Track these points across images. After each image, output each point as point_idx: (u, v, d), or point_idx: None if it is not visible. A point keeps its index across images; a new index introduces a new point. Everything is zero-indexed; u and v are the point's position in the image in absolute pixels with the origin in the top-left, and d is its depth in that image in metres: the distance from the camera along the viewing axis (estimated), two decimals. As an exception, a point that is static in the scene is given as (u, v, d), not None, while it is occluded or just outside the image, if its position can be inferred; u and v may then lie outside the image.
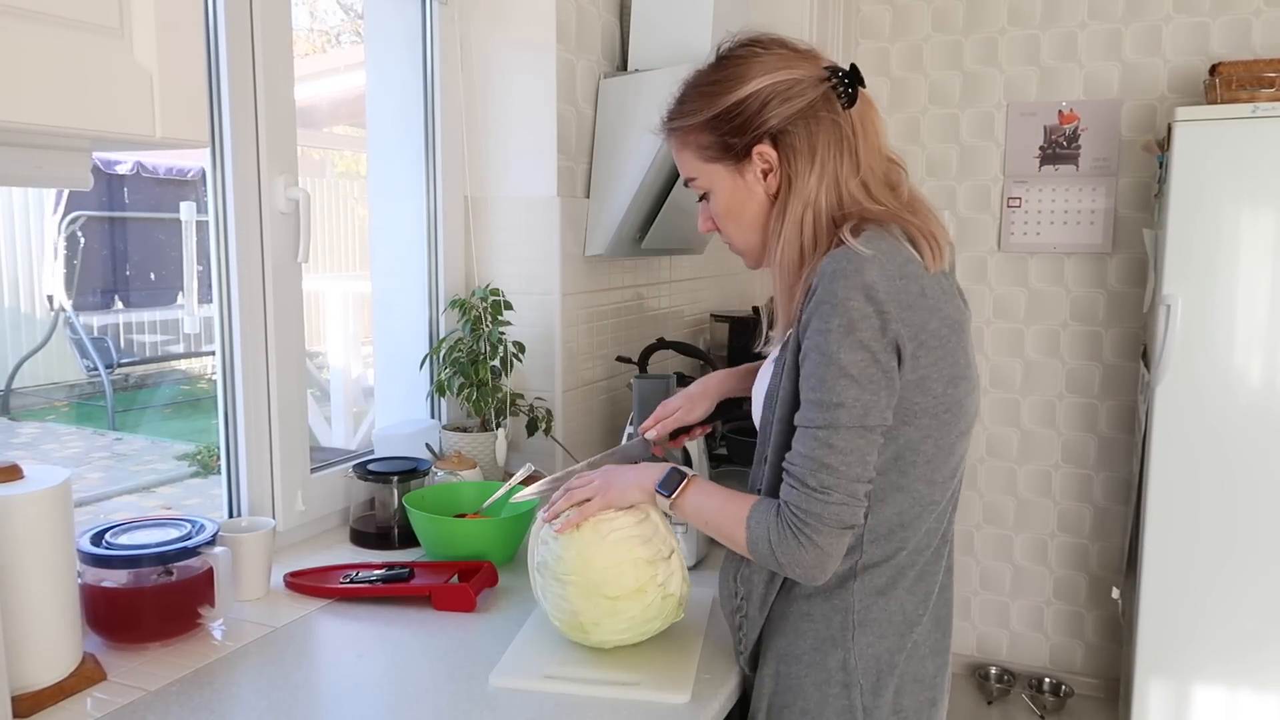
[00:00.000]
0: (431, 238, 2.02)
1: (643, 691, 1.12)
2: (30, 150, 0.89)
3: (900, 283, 1.00)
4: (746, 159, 1.09)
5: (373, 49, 2.00)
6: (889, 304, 0.99)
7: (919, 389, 1.03)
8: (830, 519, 0.99)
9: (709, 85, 1.11)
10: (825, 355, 0.99)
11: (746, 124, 1.08)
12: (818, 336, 1.00)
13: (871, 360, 0.99)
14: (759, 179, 1.10)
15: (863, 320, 0.98)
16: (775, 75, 1.07)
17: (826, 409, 0.99)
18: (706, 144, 1.11)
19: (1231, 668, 2.49)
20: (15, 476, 1.09)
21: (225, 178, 1.50)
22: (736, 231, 1.16)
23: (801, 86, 1.07)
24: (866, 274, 0.99)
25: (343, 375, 3.80)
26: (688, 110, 1.12)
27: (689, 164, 1.15)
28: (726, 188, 1.12)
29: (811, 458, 1.00)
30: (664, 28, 2.08)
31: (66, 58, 0.79)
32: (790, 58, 1.10)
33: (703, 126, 1.10)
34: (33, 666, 1.08)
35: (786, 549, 1.01)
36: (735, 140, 1.09)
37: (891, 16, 3.15)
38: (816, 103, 1.07)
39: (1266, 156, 2.34)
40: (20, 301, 4.51)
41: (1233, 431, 2.42)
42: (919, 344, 1.01)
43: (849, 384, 0.98)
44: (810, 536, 1.00)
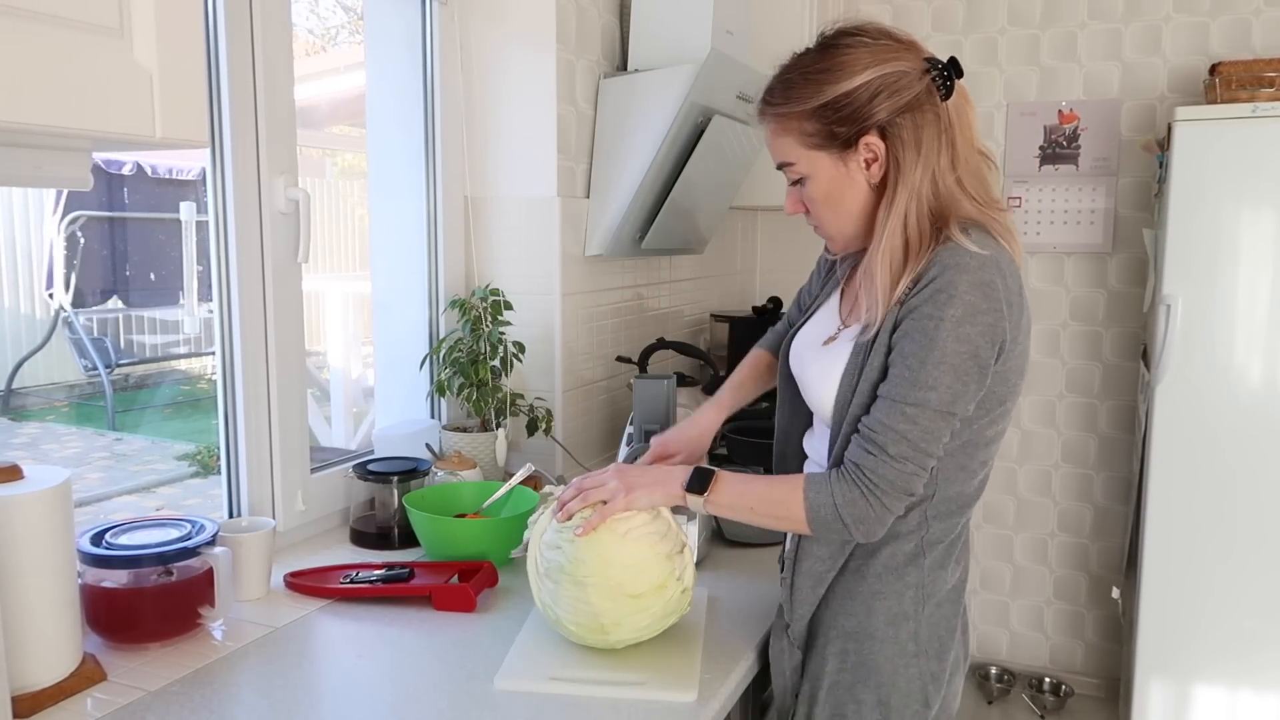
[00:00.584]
0: (431, 238, 2.02)
1: (649, 691, 1.12)
2: (30, 150, 0.89)
3: (1010, 282, 1.07)
4: (852, 148, 1.11)
5: (373, 49, 2.00)
6: (1002, 303, 1.05)
7: (1003, 380, 1.10)
8: (901, 485, 1.06)
9: (818, 73, 1.11)
10: (931, 339, 1.04)
11: (855, 114, 1.09)
12: (927, 321, 1.04)
13: (972, 354, 1.05)
14: (861, 168, 1.12)
15: (976, 315, 1.04)
16: (884, 67, 1.09)
17: (921, 388, 1.05)
18: (812, 131, 1.12)
19: (1231, 667, 2.49)
20: (15, 477, 1.09)
21: (225, 178, 1.50)
22: (833, 218, 1.17)
23: (908, 79, 1.09)
24: (987, 271, 1.05)
25: (343, 375, 3.80)
26: (795, 96, 1.12)
27: (788, 149, 1.15)
28: (828, 175, 1.14)
29: (896, 429, 1.05)
30: (664, 28, 2.08)
31: (67, 58, 0.79)
32: (896, 49, 1.11)
33: (810, 114, 1.11)
34: (33, 667, 1.08)
35: (855, 509, 1.07)
36: (843, 130, 1.10)
37: (891, 16, 3.14)
38: (921, 96, 1.09)
39: (1266, 156, 2.34)
40: (20, 301, 4.50)
41: (1233, 431, 2.42)
42: (1014, 340, 1.08)
43: (948, 371, 1.04)
44: (880, 498, 1.06)
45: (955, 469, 1.14)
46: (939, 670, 1.18)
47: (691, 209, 2.27)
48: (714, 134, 2.12)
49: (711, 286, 2.92)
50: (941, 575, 1.18)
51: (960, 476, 1.15)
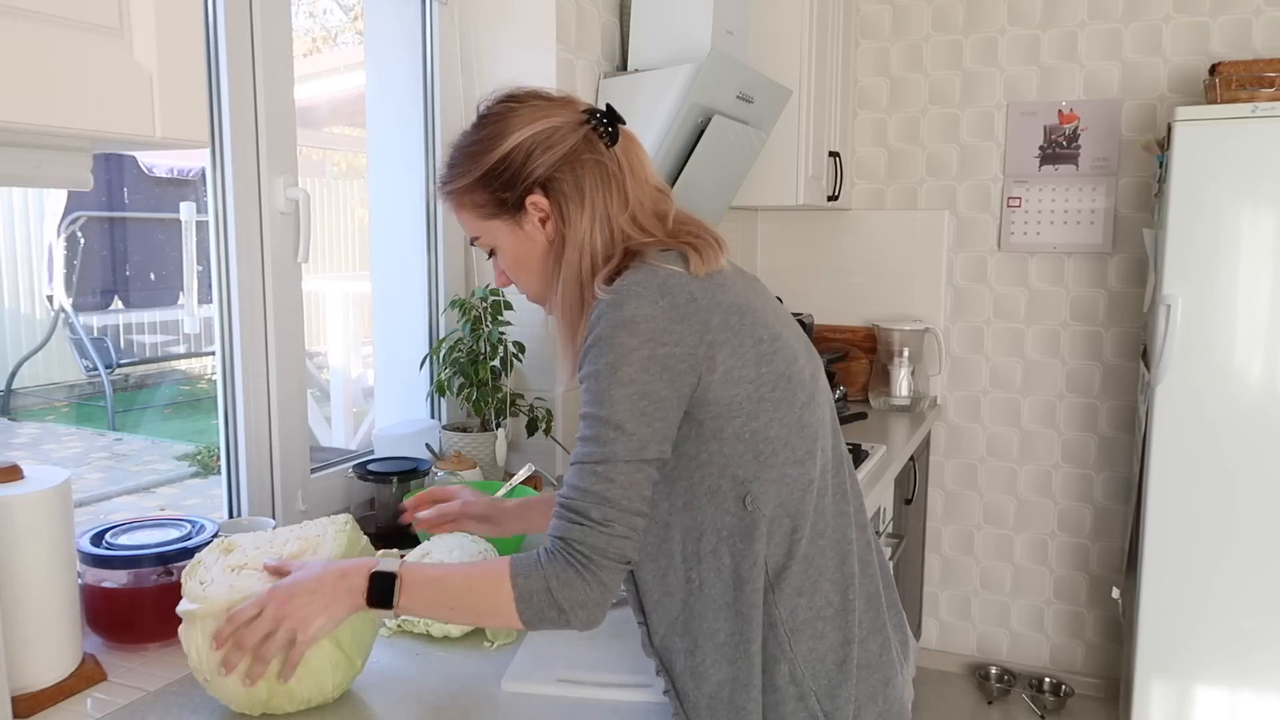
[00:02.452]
0: (431, 238, 2.02)
1: (655, 694, 1.12)
2: (30, 150, 0.89)
3: (664, 301, 1.00)
4: (521, 210, 1.10)
5: (372, 49, 2.00)
6: (657, 329, 0.99)
7: (729, 383, 1.02)
8: (614, 553, 0.98)
9: (473, 145, 1.12)
10: (596, 394, 1.00)
11: (515, 176, 1.09)
12: (589, 379, 1.01)
13: (641, 394, 0.99)
14: (538, 227, 1.11)
15: (630, 355, 0.99)
16: (534, 126, 1.09)
17: (603, 444, 0.99)
18: (482, 202, 1.12)
19: (1232, 667, 2.49)
20: (15, 477, 1.09)
21: (225, 178, 1.50)
22: (528, 281, 1.16)
23: (561, 133, 1.09)
24: (626, 307, 1.00)
25: (343, 375, 3.79)
26: (458, 173, 1.13)
27: (470, 223, 1.15)
28: (509, 240, 1.13)
29: (591, 491, 0.98)
30: (664, 28, 2.08)
31: (67, 58, 0.79)
32: (546, 107, 1.12)
33: (474, 186, 1.11)
34: (33, 667, 1.08)
35: (571, 590, 0.97)
36: (507, 194, 1.10)
37: (891, 16, 3.14)
38: (579, 146, 1.09)
39: (1266, 156, 2.34)
40: (20, 302, 4.50)
41: (1233, 431, 2.42)
42: (706, 345, 1.01)
43: (623, 419, 0.99)
44: (596, 573, 0.97)
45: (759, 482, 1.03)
46: (833, 710, 1.04)
47: (691, 209, 2.26)
48: (714, 134, 2.12)
49: (711, 286, 2.92)
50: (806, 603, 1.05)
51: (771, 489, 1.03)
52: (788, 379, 1.06)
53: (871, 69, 3.19)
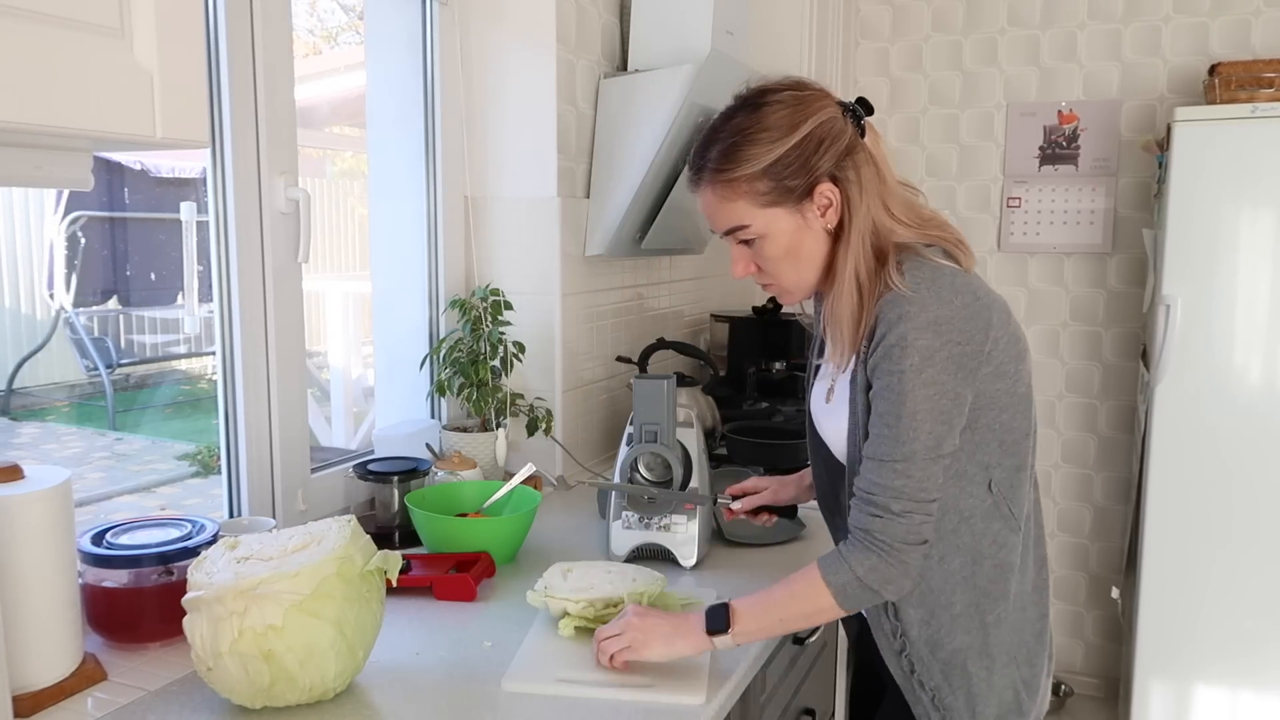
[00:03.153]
0: (431, 238, 2.02)
1: (657, 694, 1.12)
2: (31, 150, 0.89)
3: (958, 301, 1.07)
4: (808, 199, 1.12)
5: (373, 49, 2.00)
6: (955, 330, 1.07)
7: (997, 376, 1.11)
8: (913, 538, 1.08)
9: (761, 131, 1.11)
10: (899, 395, 1.06)
11: (805, 165, 1.11)
12: (890, 377, 1.07)
13: (941, 394, 1.06)
14: (817, 216, 1.13)
15: (933, 356, 1.06)
16: (819, 116, 1.12)
17: (904, 443, 1.07)
18: (765, 190, 1.12)
19: (1231, 667, 2.49)
20: (16, 477, 1.09)
21: (225, 178, 1.50)
22: (793, 270, 1.17)
23: (840, 124, 1.13)
24: (928, 310, 1.06)
25: (343, 375, 3.80)
26: (742, 158, 1.12)
27: (741, 213, 1.14)
28: (787, 229, 1.14)
29: (891, 487, 1.07)
30: (664, 28, 2.08)
31: (67, 58, 0.79)
32: (819, 97, 1.15)
33: (761, 174, 1.11)
34: (33, 666, 1.08)
35: (878, 574, 1.09)
36: (796, 182, 1.11)
37: (891, 16, 3.15)
38: (853, 137, 1.14)
39: (1266, 156, 2.34)
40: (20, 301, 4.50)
41: (1232, 431, 2.43)
42: (990, 340, 1.09)
43: (924, 419, 1.06)
44: (899, 556, 1.08)
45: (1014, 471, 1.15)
46: (1031, 677, 1.20)
47: (691, 209, 2.27)
48: (714, 134, 2.12)
49: (711, 286, 2.92)
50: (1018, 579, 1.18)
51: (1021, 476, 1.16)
52: (1030, 377, 1.17)
53: (871, 69, 3.20)
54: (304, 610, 1.03)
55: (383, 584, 1.14)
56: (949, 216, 2.14)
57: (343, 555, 1.08)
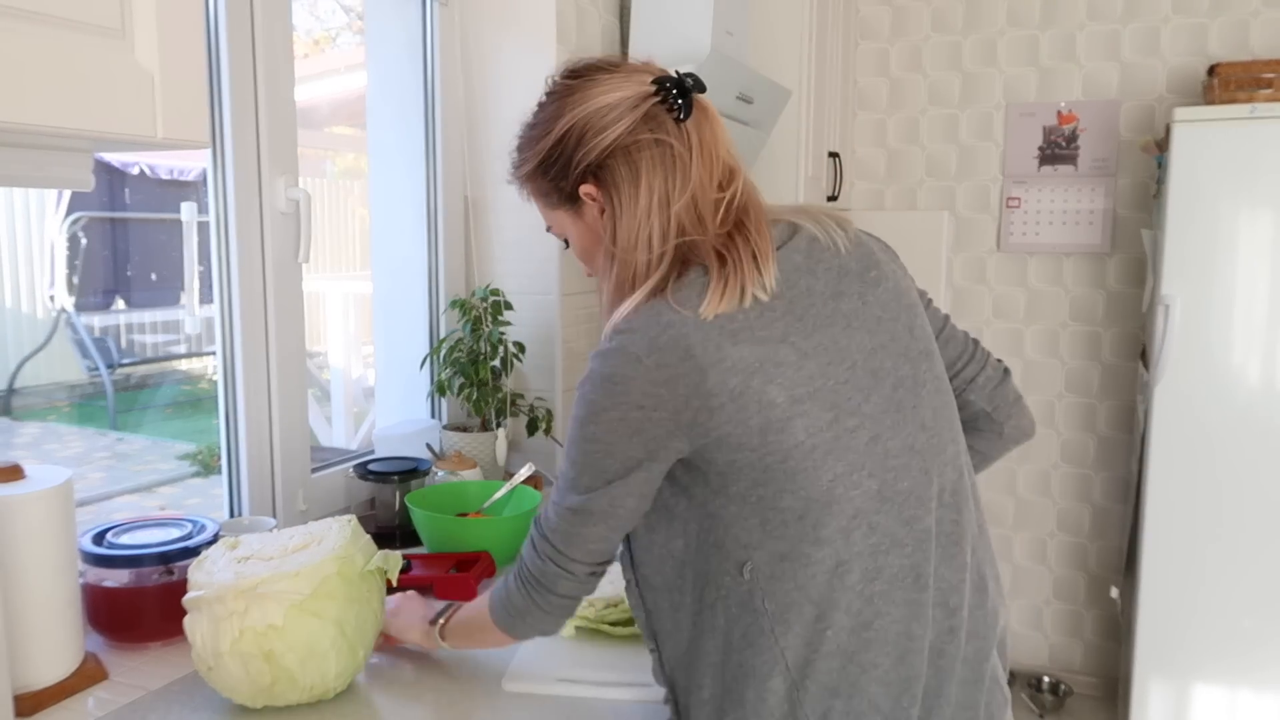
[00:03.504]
0: (431, 238, 2.02)
1: (656, 693, 1.12)
2: (32, 151, 0.89)
3: (649, 360, 0.90)
4: (579, 200, 1.01)
5: (373, 49, 2.01)
6: (630, 391, 0.90)
7: (727, 447, 0.90)
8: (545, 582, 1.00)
9: (531, 129, 1.04)
10: (571, 439, 0.96)
11: (567, 165, 0.99)
12: (572, 420, 0.97)
13: (606, 452, 0.93)
14: (597, 218, 1.00)
15: (599, 415, 0.93)
16: (586, 106, 0.98)
17: (560, 488, 0.98)
18: (545, 190, 1.04)
19: (1230, 666, 2.49)
20: (17, 477, 1.10)
21: (226, 178, 1.50)
22: (597, 274, 1.06)
23: (617, 111, 0.97)
24: (608, 363, 0.92)
25: (343, 375, 3.80)
26: (519, 159, 1.06)
27: (540, 211, 1.09)
28: (575, 232, 1.05)
29: (546, 525, 1.00)
30: (664, 28, 2.08)
31: (67, 58, 0.79)
32: (605, 81, 0.99)
33: (535, 174, 1.03)
34: (34, 666, 1.08)
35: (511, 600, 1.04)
36: (563, 183, 1.01)
37: (891, 17, 3.15)
38: (637, 125, 0.96)
39: (1265, 156, 2.34)
40: (21, 302, 4.51)
41: (1231, 431, 2.43)
42: (694, 410, 0.90)
43: (583, 470, 0.95)
44: (528, 591, 1.02)
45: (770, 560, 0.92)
46: None
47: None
48: (713, 134, 2.12)
49: (711, 287, 2.92)
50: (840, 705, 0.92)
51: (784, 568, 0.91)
52: (810, 449, 0.90)
53: (871, 70, 3.20)
54: (305, 610, 1.04)
55: (383, 584, 1.14)
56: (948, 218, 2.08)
57: (343, 555, 1.09)
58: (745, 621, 0.93)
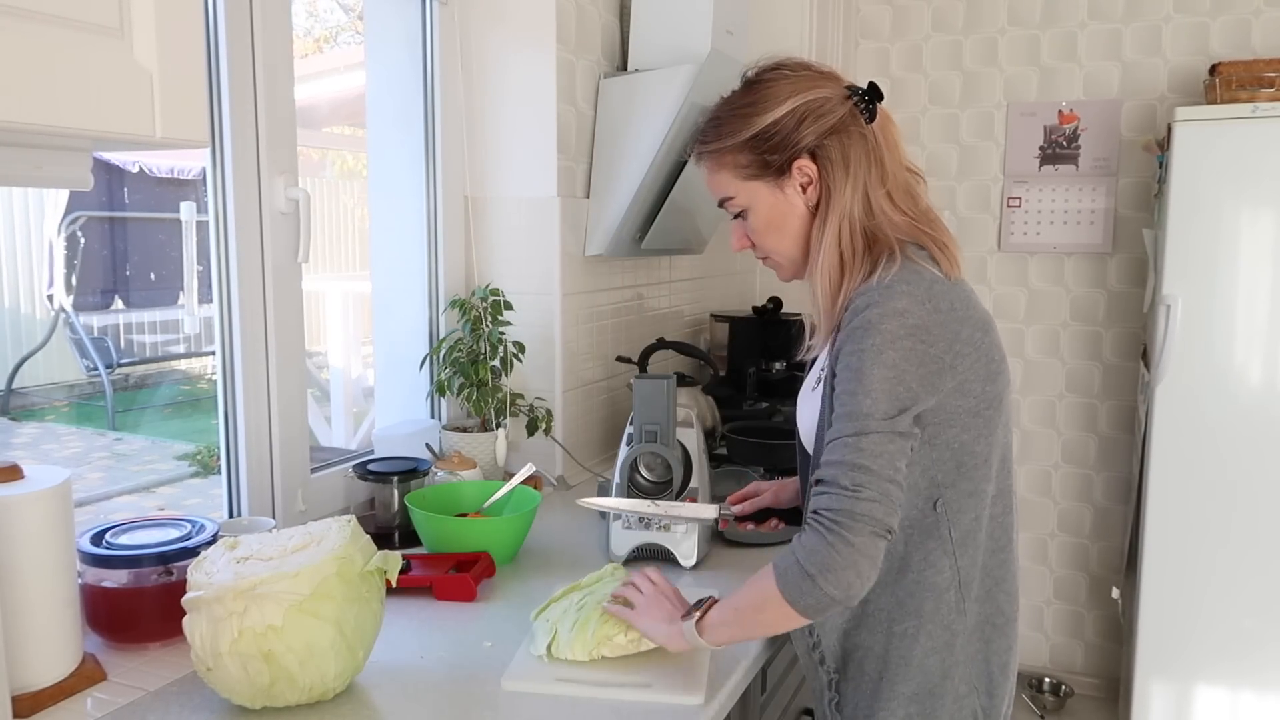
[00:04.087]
0: (431, 238, 2.02)
1: (656, 694, 1.12)
2: (31, 150, 0.89)
3: (929, 305, 1.07)
4: (786, 174, 1.15)
5: (373, 49, 2.00)
6: (921, 329, 1.05)
7: (960, 393, 1.09)
8: (864, 516, 0.99)
9: (745, 107, 1.16)
10: (856, 372, 1.04)
11: (785, 140, 1.13)
12: (850, 357, 1.05)
13: (899, 378, 1.04)
14: (799, 192, 1.16)
15: (894, 341, 1.04)
16: (806, 95, 1.14)
17: (856, 419, 1.03)
18: (746, 163, 1.16)
19: (1231, 667, 2.49)
20: (15, 477, 1.09)
21: (225, 178, 1.50)
22: (777, 244, 1.20)
23: (831, 104, 1.14)
24: (897, 300, 1.06)
25: (343, 375, 3.80)
26: (725, 132, 1.16)
27: (726, 184, 1.19)
28: (767, 203, 1.17)
29: (844, 461, 1.02)
30: (664, 28, 2.08)
31: (67, 58, 0.79)
32: (816, 78, 1.16)
33: (741, 146, 1.15)
34: (33, 666, 1.08)
35: (818, 557, 0.99)
36: (775, 157, 1.14)
37: (891, 16, 3.15)
38: (845, 119, 1.14)
39: (1266, 156, 2.34)
40: (20, 301, 4.51)
41: (1232, 431, 2.43)
42: (954, 354, 1.07)
43: (879, 395, 1.03)
44: (843, 535, 0.99)
45: (958, 495, 1.12)
46: (991, 707, 1.17)
47: (691, 209, 2.27)
48: (714, 134, 2.12)
49: (711, 286, 2.92)
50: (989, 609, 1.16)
51: (968, 502, 1.13)
52: (1000, 401, 1.13)
53: (871, 69, 3.19)
54: (304, 610, 1.03)
55: (383, 584, 1.14)
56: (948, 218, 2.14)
57: (343, 555, 1.08)
58: (928, 546, 1.12)
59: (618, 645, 1.18)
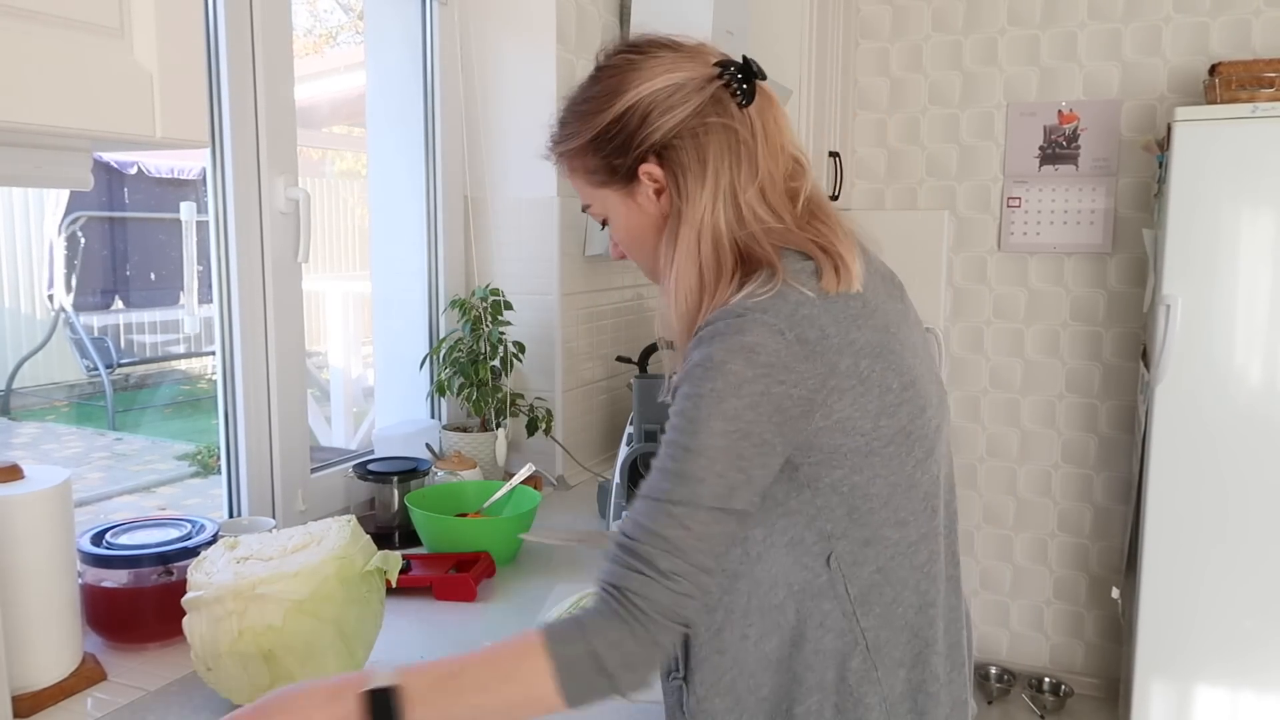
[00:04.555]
0: (431, 238, 2.02)
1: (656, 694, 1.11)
2: (30, 150, 0.89)
3: (789, 334, 0.86)
4: (635, 180, 0.97)
5: (373, 49, 2.00)
6: (777, 365, 0.85)
7: (840, 431, 0.88)
8: (675, 613, 0.83)
9: (585, 103, 0.99)
10: (692, 422, 0.85)
11: (628, 142, 0.95)
12: (686, 401, 0.86)
13: (743, 434, 0.84)
14: (651, 199, 0.97)
15: (741, 387, 0.84)
16: (654, 82, 0.95)
17: (686, 482, 0.84)
18: (594, 168, 0.99)
19: (1231, 667, 2.49)
20: (15, 477, 1.09)
21: (225, 178, 1.50)
22: (640, 257, 1.04)
23: (685, 92, 0.94)
24: (747, 333, 0.85)
25: (343, 375, 3.80)
26: (567, 133, 1.00)
27: (581, 190, 1.04)
28: (621, 212, 1.01)
29: (661, 535, 0.83)
30: (664, 28, 2.06)
31: (67, 58, 0.79)
32: (670, 59, 0.98)
33: (585, 149, 0.98)
34: (33, 666, 1.08)
35: (621, 653, 0.82)
36: (620, 161, 0.96)
37: (891, 16, 3.15)
38: (704, 107, 0.94)
39: (1266, 156, 2.34)
40: (20, 301, 4.51)
41: (1232, 431, 2.43)
42: (828, 389, 0.87)
43: (717, 458, 0.84)
44: (651, 632, 0.82)
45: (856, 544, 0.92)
46: None
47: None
48: (714, 134, 2.12)
49: (711, 286, 2.92)
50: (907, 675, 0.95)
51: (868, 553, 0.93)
52: (906, 434, 0.92)
53: (871, 69, 3.20)
54: (303, 610, 1.03)
55: (383, 584, 1.14)
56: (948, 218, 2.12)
57: (342, 555, 1.08)
58: (824, 609, 0.92)
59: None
